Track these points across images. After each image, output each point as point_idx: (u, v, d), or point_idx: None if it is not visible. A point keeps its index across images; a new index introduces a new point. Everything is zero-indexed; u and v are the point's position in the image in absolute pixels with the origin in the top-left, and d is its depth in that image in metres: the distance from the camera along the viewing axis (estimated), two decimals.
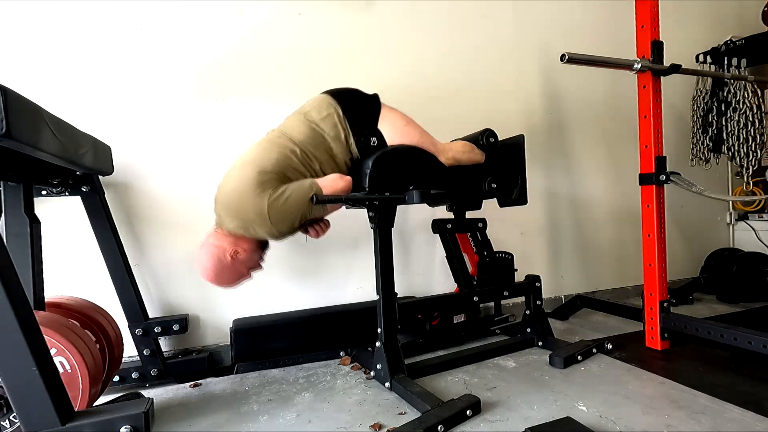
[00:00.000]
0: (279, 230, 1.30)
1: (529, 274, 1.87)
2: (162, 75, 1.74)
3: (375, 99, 1.53)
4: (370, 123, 1.48)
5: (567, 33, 2.46)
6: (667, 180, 1.70)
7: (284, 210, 1.28)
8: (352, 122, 1.45)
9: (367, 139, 1.46)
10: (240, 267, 1.36)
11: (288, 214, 1.29)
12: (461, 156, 1.65)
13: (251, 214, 1.27)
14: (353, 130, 1.44)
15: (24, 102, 0.90)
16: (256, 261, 1.42)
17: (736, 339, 1.52)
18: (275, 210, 1.26)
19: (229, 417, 1.32)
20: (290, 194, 1.29)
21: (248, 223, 1.29)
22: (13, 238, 1.20)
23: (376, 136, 1.47)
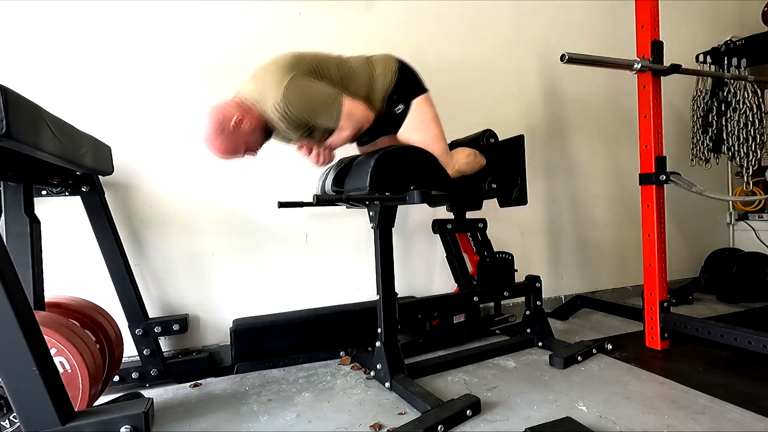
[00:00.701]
0: (287, 107, 1.33)
1: (529, 275, 1.86)
2: (162, 75, 1.74)
3: (423, 85, 1.58)
4: (409, 94, 1.53)
5: (567, 33, 2.46)
6: (667, 180, 1.70)
7: (302, 92, 1.34)
8: (399, 81, 1.53)
9: (397, 100, 1.53)
10: (238, 138, 1.37)
11: (304, 98, 1.35)
12: (466, 168, 1.66)
13: (271, 81, 1.34)
14: (395, 86, 1.52)
15: (24, 102, 0.90)
16: (255, 141, 1.42)
17: (736, 339, 1.52)
18: (295, 87, 1.33)
19: (229, 417, 1.32)
20: (315, 85, 1.37)
21: (264, 90, 1.35)
22: (13, 238, 1.20)
23: (405, 106, 1.53)
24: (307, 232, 1.94)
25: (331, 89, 1.40)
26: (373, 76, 1.51)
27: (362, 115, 1.45)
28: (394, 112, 1.53)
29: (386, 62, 1.55)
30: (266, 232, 1.87)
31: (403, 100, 1.53)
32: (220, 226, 1.81)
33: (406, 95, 1.53)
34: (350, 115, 1.42)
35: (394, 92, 1.52)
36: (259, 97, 1.36)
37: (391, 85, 1.52)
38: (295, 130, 1.42)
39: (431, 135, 1.55)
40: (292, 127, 1.40)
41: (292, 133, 1.45)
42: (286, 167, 1.91)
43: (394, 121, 1.55)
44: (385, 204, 1.44)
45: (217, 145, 1.36)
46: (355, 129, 1.45)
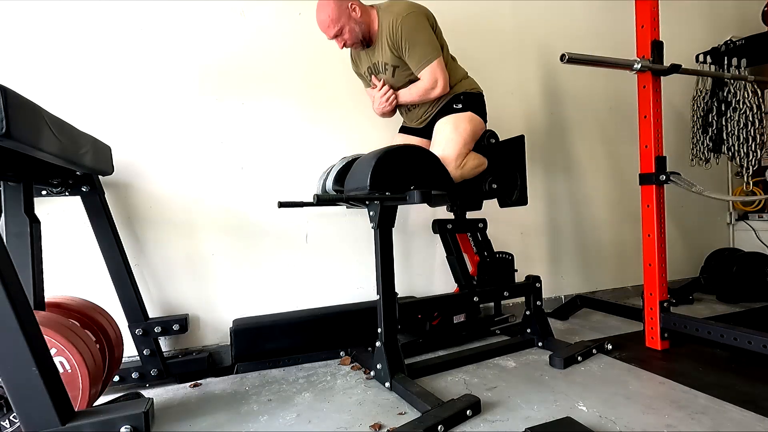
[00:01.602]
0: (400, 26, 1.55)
1: (529, 275, 1.86)
2: (162, 75, 1.74)
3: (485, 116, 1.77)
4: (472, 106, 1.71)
5: (567, 33, 2.46)
6: (667, 180, 1.70)
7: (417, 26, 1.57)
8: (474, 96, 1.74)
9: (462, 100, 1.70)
10: (343, 16, 1.57)
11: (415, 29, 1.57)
12: (470, 173, 1.70)
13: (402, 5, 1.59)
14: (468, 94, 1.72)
15: (24, 102, 0.90)
16: (353, 33, 1.60)
17: (736, 339, 1.52)
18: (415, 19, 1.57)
19: (229, 417, 1.32)
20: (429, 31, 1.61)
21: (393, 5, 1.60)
22: (13, 238, 1.19)
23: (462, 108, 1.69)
24: (307, 232, 1.94)
25: (437, 43, 1.62)
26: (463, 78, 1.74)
27: (442, 78, 1.62)
28: (452, 107, 1.69)
29: (476, 83, 1.78)
30: (266, 232, 1.87)
31: (464, 104, 1.70)
32: (220, 226, 1.81)
33: (470, 105, 1.70)
34: (433, 71, 1.60)
35: (465, 95, 1.71)
36: (384, 11, 1.61)
37: (467, 90, 1.72)
38: (390, 50, 1.61)
39: (460, 136, 1.64)
40: (389, 45, 1.60)
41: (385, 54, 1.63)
42: (286, 167, 1.91)
43: (444, 111, 1.70)
44: (385, 204, 1.44)
45: (326, 8, 1.55)
46: (430, 85, 1.62)
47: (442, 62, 1.62)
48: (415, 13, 1.57)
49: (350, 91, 1.96)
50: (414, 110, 1.77)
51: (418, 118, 1.78)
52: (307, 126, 1.94)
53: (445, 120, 1.67)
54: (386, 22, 1.58)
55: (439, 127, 1.68)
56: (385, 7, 1.63)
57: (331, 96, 1.98)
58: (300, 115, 1.94)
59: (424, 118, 1.77)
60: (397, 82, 1.70)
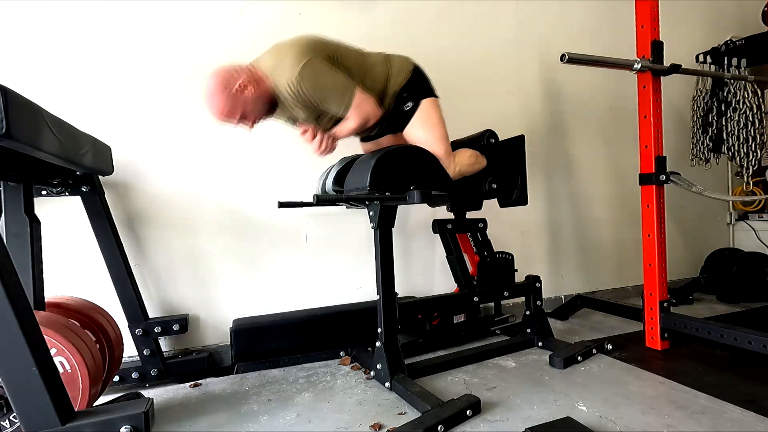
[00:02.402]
0: (301, 86, 1.35)
1: (529, 275, 1.87)
2: (162, 75, 1.74)
3: (434, 91, 1.61)
4: (418, 94, 1.56)
5: (567, 33, 2.46)
6: (667, 180, 1.70)
7: (318, 75, 1.36)
8: (411, 81, 1.56)
9: (407, 98, 1.55)
10: (239, 103, 1.36)
11: (318, 81, 1.37)
12: (467, 169, 1.66)
13: (288, 57, 1.36)
14: (406, 85, 1.55)
15: (24, 102, 0.90)
16: (254, 111, 1.41)
17: (736, 339, 1.51)
18: (312, 68, 1.35)
19: (229, 417, 1.32)
20: (331, 71, 1.40)
21: (278, 64, 1.37)
22: (13, 238, 1.19)
23: (414, 105, 1.55)
24: (307, 232, 1.94)
25: (346, 78, 1.42)
26: (388, 74, 1.54)
27: (371, 110, 1.47)
28: (403, 109, 1.55)
29: (402, 62, 1.59)
30: (266, 232, 1.87)
31: (412, 99, 1.55)
32: (220, 226, 1.81)
33: (416, 95, 1.55)
34: (359, 107, 1.44)
35: (405, 90, 1.54)
36: (274, 71, 1.38)
37: (403, 83, 1.54)
38: (303, 110, 1.44)
39: (436, 135, 1.56)
40: (300, 106, 1.42)
41: (300, 113, 1.46)
42: (286, 167, 1.91)
43: (402, 118, 1.57)
44: (385, 204, 1.44)
45: (216, 103, 1.36)
46: (362, 121, 1.46)
47: (361, 92, 1.43)
48: (306, 65, 1.33)
49: None
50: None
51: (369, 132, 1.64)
52: None
53: (413, 127, 1.55)
54: (283, 86, 1.37)
55: (412, 137, 1.57)
56: (272, 67, 1.38)
57: None
58: None
59: (379, 129, 1.64)
60: (326, 124, 1.51)
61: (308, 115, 1.47)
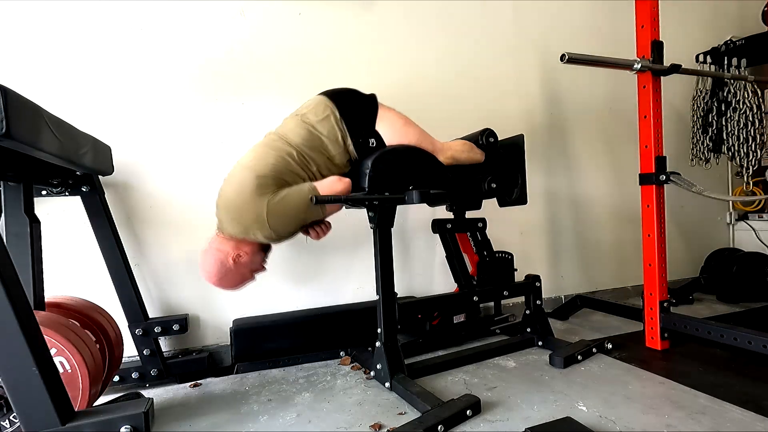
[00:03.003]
0: (278, 234, 1.33)
1: (529, 274, 1.87)
2: (162, 75, 1.74)
3: (372, 99, 1.53)
4: (368, 124, 1.48)
5: (567, 33, 2.46)
6: (667, 180, 1.70)
7: (283, 214, 1.30)
8: (350, 124, 1.44)
9: (365, 140, 1.46)
10: (243, 270, 1.39)
11: (287, 218, 1.32)
12: (460, 155, 1.65)
13: (250, 219, 1.29)
14: (351, 132, 1.44)
15: (24, 102, 0.90)
16: (258, 263, 1.44)
17: (736, 339, 1.52)
18: (274, 214, 1.29)
19: (229, 417, 1.32)
20: (289, 198, 1.31)
21: (248, 228, 1.31)
22: (13, 238, 1.20)
23: (375, 137, 1.47)
24: None
25: (304, 190, 1.32)
26: (323, 142, 1.42)
27: (342, 189, 1.38)
28: (369, 147, 1.46)
29: (324, 117, 1.43)
30: None
31: (369, 134, 1.46)
32: None
33: (367, 128, 1.46)
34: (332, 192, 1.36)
35: (356, 136, 1.44)
36: (246, 233, 1.32)
37: (346, 135, 1.43)
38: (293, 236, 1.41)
39: (413, 136, 1.52)
40: (290, 238, 1.40)
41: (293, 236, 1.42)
42: None
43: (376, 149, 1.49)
44: (384, 204, 1.44)
45: (225, 284, 1.40)
46: (340, 203, 1.41)
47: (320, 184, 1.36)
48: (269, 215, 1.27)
49: None
50: None
51: None
52: None
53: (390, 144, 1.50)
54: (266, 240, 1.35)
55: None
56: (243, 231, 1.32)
57: None
58: None
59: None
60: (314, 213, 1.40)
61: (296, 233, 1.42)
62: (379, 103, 1.52)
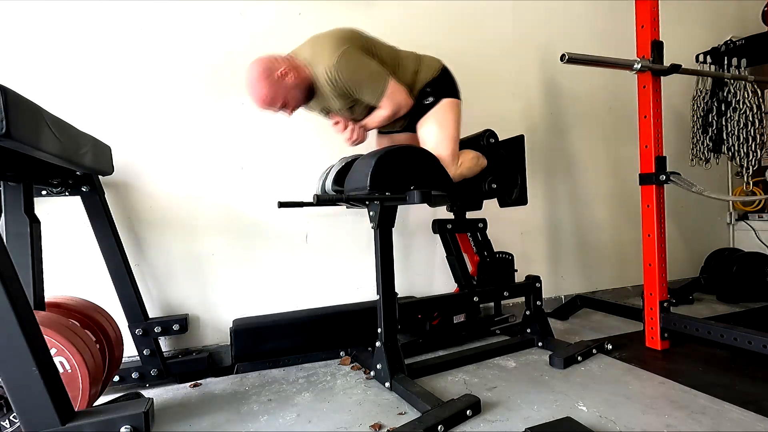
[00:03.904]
0: (338, 74, 1.42)
1: (529, 275, 1.87)
2: (162, 75, 1.74)
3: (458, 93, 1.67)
4: (442, 91, 1.61)
5: (567, 33, 2.46)
6: (667, 180, 1.70)
7: (354, 64, 1.44)
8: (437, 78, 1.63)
9: (429, 93, 1.61)
10: (280, 89, 1.44)
11: (354, 69, 1.44)
12: (468, 173, 1.68)
13: (328, 47, 1.43)
14: (432, 81, 1.61)
15: (24, 102, 0.90)
16: (294, 98, 1.48)
17: (736, 339, 1.52)
18: (348, 57, 1.42)
19: (229, 417, 1.32)
20: (367, 60, 1.47)
21: (318, 54, 1.45)
22: (13, 238, 1.19)
23: (434, 100, 1.60)
24: (307, 232, 1.94)
25: (380, 68, 1.50)
26: (417, 70, 1.61)
27: (403, 99, 1.54)
28: (423, 103, 1.60)
29: (432, 61, 1.65)
30: (266, 231, 1.87)
31: (434, 95, 1.60)
32: (220, 226, 1.81)
33: (439, 92, 1.60)
34: (392, 96, 1.51)
35: (429, 85, 1.60)
36: (312, 60, 1.46)
37: (429, 79, 1.60)
38: (339, 99, 1.50)
39: (447, 134, 1.59)
40: (336, 94, 1.49)
41: (335, 102, 1.52)
42: (286, 167, 1.91)
43: (421, 111, 1.61)
44: (385, 204, 1.44)
45: (259, 90, 1.43)
46: (393, 111, 1.54)
47: (394, 83, 1.51)
48: (343, 53, 1.41)
49: None
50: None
51: (393, 126, 1.71)
52: (307, 126, 1.94)
53: (427, 122, 1.60)
54: (321, 75, 1.44)
55: (424, 131, 1.61)
56: (310, 57, 1.47)
57: None
58: (300, 114, 1.93)
59: (400, 124, 1.70)
60: (358, 115, 1.61)
61: (343, 104, 1.53)
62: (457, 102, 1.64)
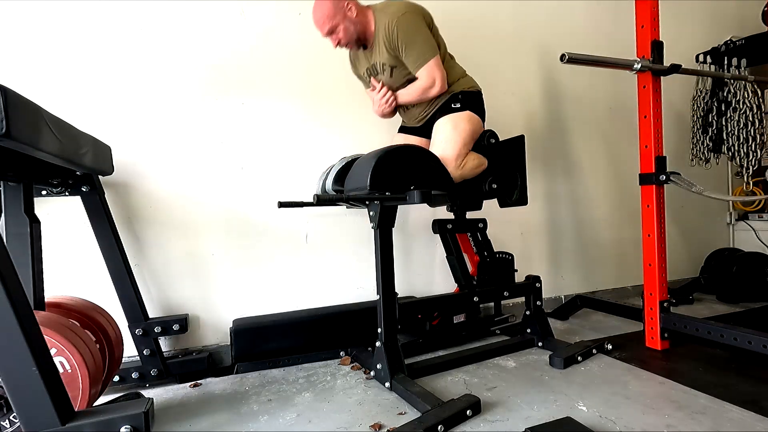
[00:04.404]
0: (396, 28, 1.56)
1: (529, 275, 1.86)
2: (162, 75, 1.74)
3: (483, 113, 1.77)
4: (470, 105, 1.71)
5: (567, 33, 2.46)
6: (667, 180, 1.70)
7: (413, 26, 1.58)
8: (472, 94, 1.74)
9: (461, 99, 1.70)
10: (340, 15, 1.58)
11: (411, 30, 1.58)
12: (469, 174, 1.70)
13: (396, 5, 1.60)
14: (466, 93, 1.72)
15: (24, 102, 0.90)
16: (347, 31, 1.61)
17: (736, 339, 1.52)
18: (410, 19, 1.58)
19: (229, 417, 1.32)
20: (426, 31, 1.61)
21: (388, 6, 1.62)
22: (13, 238, 1.19)
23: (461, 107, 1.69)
24: (307, 232, 1.94)
25: (434, 43, 1.63)
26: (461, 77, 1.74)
27: (440, 77, 1.63)
28: (451, 106, 1.69)
29: (473, 81, 1.77)
30: (266, 232, 1.87)
31: (462, 102, 1.69)
32: (220, 226, 1.81)
33: (468, 103, 1.70)
34: (431, 69, 1.60)
35: (463, 93, 1.70)
36: (378, 11, 1.63)
37: (466, 89, 1.72)
38: (386, 55, 1.63)
39: (459, 136, 1.64)
40: (385, 49, 1.62)
41: (382, 57, 1.65)
42: (286, 167, 1.91)
43: (445, 111, 1.69)
44: (386, 204, 1.44)
45: (323, 7, 1.57)
46: (428, 84, 1.63)
47: (439, 61, 1.62)
48: (411, 13, 1.58)
49: (350, 91, 1.96)
50: (412, 109, 1.77)
51: (416, 117, 1.79)
52: (307, 126, 1.94)
53: (445, 120, 1.67)
54: (382, 23, 1.59)
55: (439, 127, 1.68)
56: (381, 8, 1.64)
57: (331, 95, 1.98)
58: (300, 114, 1.94)
59: (422, 117, 1.77)
60: (395, 82, 1.71)
61: (388, 61, 1.64)
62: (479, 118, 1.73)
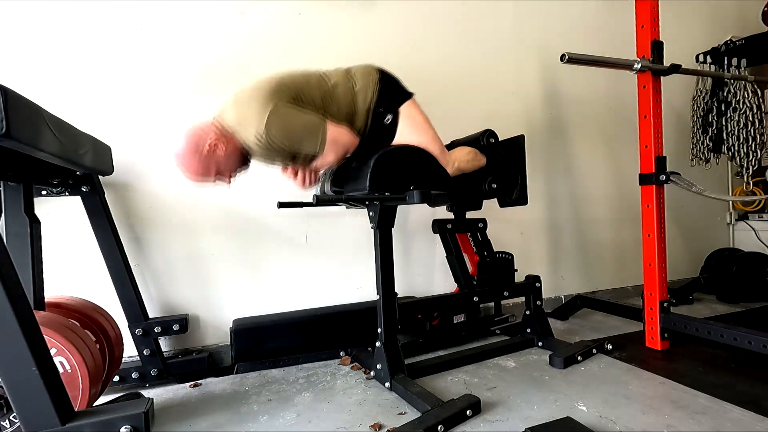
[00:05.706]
0: (270, 138, 1.28)
1: (529, 275, 1.86)
2: (162, 75, 1.74)
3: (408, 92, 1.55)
4: (394, 102, 1.50)
5: (567, 33, 2.46)
6: (667, 180, 1.70)
7: (285, 122, 1.30)
8: (382, 92, 1.48)
9: (385, 111, 1.48)
10: (211, 163, 1.32)
11: (287, 128, 1.30)
12: (466, 165, 1.64)
13: (253, 110, 1.28)
14: (379, 98, 1.47)
15: (24, 102, 0.90)
16: (228, 167, 1.37)
17: (736, 339, 1.52)
18: (277, 117, 1.28)
19: (229, 417, 1.32)
20: (298, 114, 1.33)
21: (245, 118, 1.30)
22: (13, 238, 1.20)
23: (393, 116, 1.49)
24: (307, 232, 1.94)
25: (315, 117, 1.35)
26: (354, 91, 1.46)
27: (347, 141, 1.41)
28: (384, 124, 1.49)
29: (366, 74, 1.49)
30: (266, 232, 1.87)
31: (390, 110, 1.48)
32: (220, 226, 1.81)
33: (392, 104, 1.49)
34: (335, 142, 1.37)
35: (379, 104, 1.48)
36: (239, 126, 1.31)
37: (374, 98, 1.47)
38: (278, 156, 1.39)
39: (427, 138, 1.52)
40: (274, 154, 1.37)
41: (275, 159, 1.42)
42: None
43: (385, 132, 1.50)
44: (385, 204, 1.44)
45: (189, 165, 1.33)
46: (339, 154, 1.42)
47: (333, 126, 1.37)
48: (272, 113, 1.27)
49: None
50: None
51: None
52: None
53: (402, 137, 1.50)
54: (252, 141, 1.29)
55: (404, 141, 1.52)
56: (237, 122, 1.32)
57: None
58: None
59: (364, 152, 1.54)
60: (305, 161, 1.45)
61: (284, 158, 1.42)
62: (413, 99, 1.53)
